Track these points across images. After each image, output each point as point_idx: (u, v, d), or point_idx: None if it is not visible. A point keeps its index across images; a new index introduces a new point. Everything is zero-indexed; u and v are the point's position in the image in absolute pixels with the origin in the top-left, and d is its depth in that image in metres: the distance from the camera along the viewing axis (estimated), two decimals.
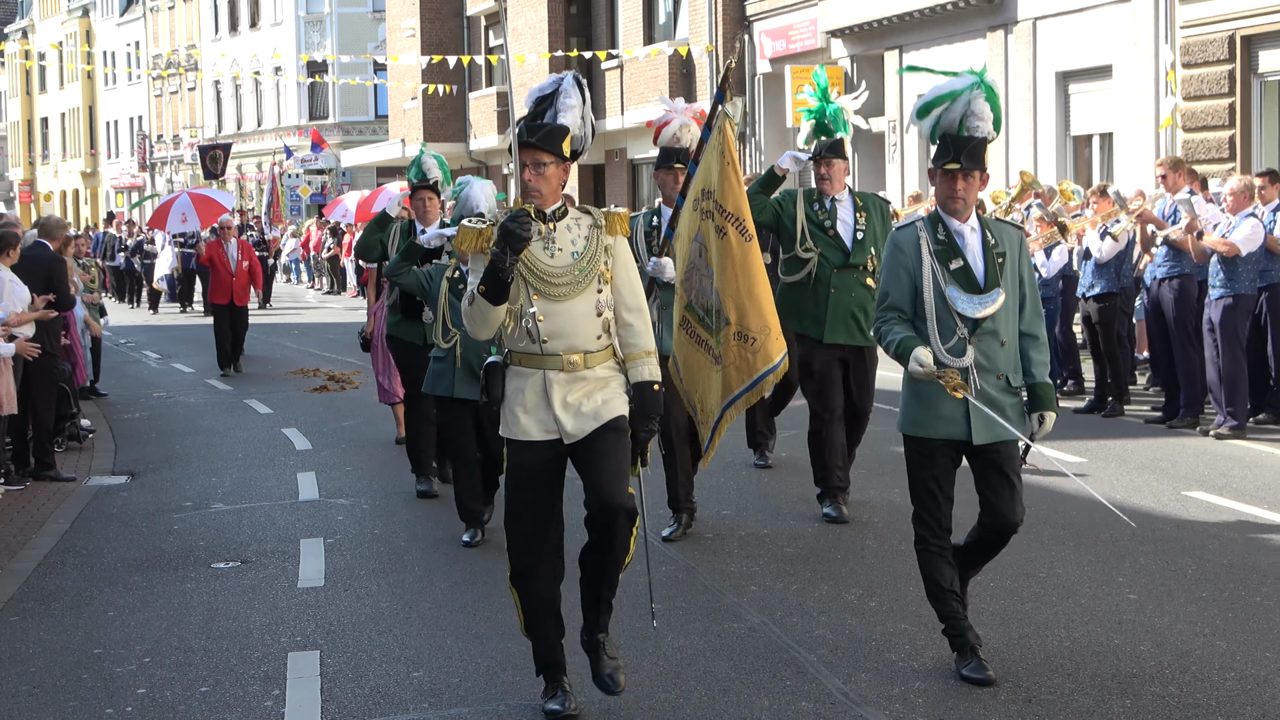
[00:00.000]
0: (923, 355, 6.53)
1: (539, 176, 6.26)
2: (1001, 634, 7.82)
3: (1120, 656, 7.44)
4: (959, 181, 6.77)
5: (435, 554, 10.15)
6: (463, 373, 9.90)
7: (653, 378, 6.49)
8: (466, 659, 7.83)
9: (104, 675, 7.70)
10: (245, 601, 9.19)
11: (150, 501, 12.76)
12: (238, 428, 17.46)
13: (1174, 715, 6.60)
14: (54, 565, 10.34)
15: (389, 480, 13.17)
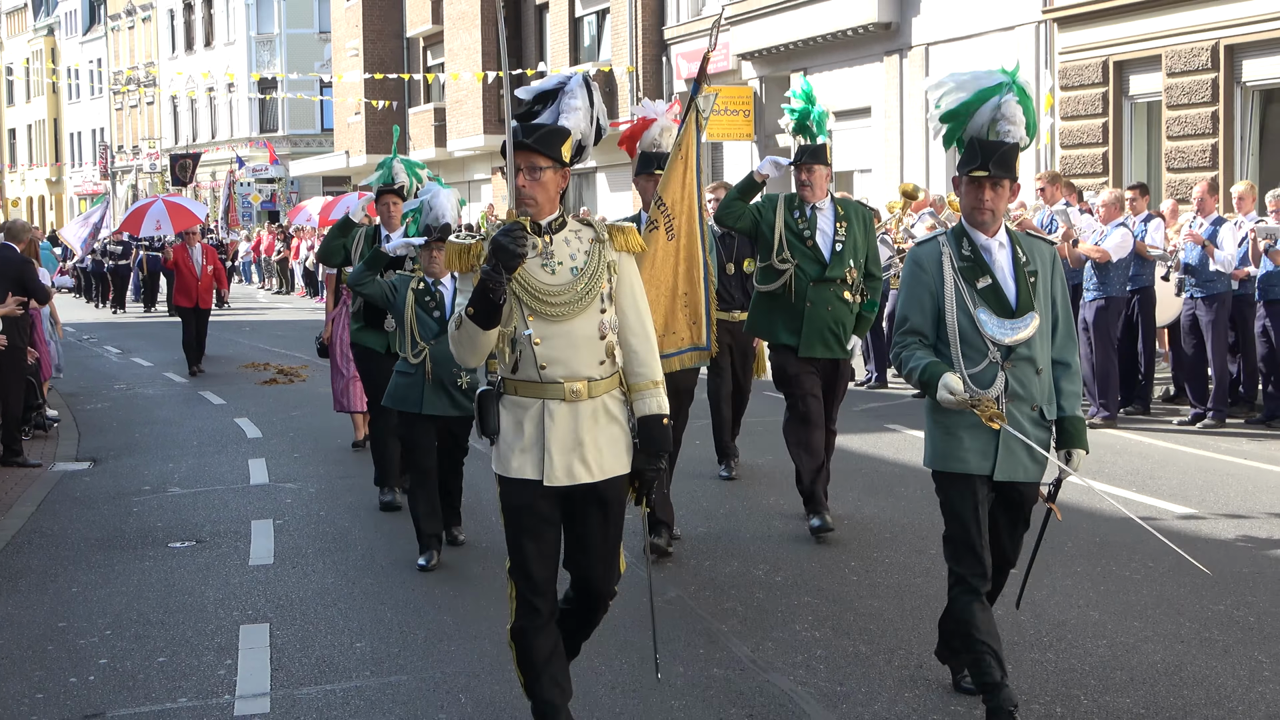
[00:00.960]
0: (952, 382, 5.51)
1: (535, 183, 5.26)
2: (896, 607, 7.90)
3: (1003, 626, 7.47)
4: (986, 190, 5.71)
5: (377, 534, 10.14)
6: (431, 388, 8.82)
7: (661, 411, 5.44)
8: (405, 630, 7.86)
9: (68, 646, 7.69)
10: (200, 578, 9.17)
11: (111, 486, 12.68)
12: (193, 417, 17.35)
13: (1051, 679, 6.75)
14: (20, 545, 10.28)
15: (334, 466, 13.16)
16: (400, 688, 6.84)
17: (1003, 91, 5.89)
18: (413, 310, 8.84)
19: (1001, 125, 5.85)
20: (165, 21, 63.98)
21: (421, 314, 8.80)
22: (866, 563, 8.82)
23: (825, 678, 6.73)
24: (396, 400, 9.08)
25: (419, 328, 8.83)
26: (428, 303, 8.75)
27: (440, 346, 8.53)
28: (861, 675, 6.76)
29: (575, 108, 5.57)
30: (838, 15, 26.72)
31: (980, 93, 5.91)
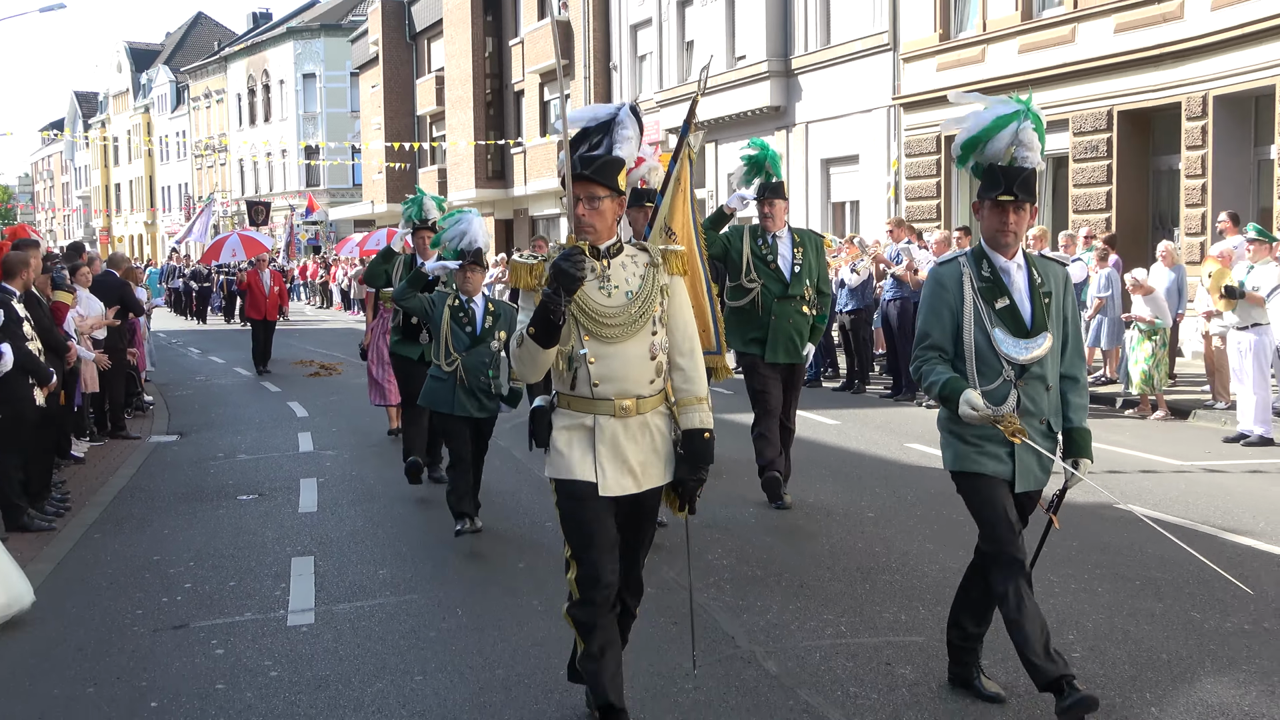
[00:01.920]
0: (974, 398, 4.65)
1: (594, 211, 4.47)
2: (777, 540, 7.95)
3: (862, 555, 7.58)
4: (1010, 214, 4.80)
5: (397, 489, 10.11)
6: (462, 392, 8.07)
7: (705, 425, 4.63)
8: (417, 561, 7.89)
9: (161, 574, 7.67)
10: (261, 522, 9.16)
11: (193, 453, 12.62)
12: (255, 401, 17.28)
13: (898, 594, 6.76)
14: (124, 498, 10.23)
15: (363, 438, 13.12)
16: (412, 604, 6.85)
17: (1019, 119, 4.91)
18: (448, 324, 8.13)
19: (1019, 151, 4.90)
20: (234, 103, 63.46)
21: (455, 328, 8.11)
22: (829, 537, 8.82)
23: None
24: (431, 401, 8.33)
25: (453, 339, 8.11)
26: (461, 318, 8.11)
27: (471, 357, 8.11)
28: (757, 594, 6.75)
29: (628, 137, 4.84)
30: (741, 100, 26.78)
31: (997, 120, 4.95)
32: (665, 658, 5.70)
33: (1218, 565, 5.19)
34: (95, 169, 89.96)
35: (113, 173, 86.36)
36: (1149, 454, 10.86)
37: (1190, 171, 17.66)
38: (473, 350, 8.06)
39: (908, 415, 13.68)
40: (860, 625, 6.18)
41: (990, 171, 4.88)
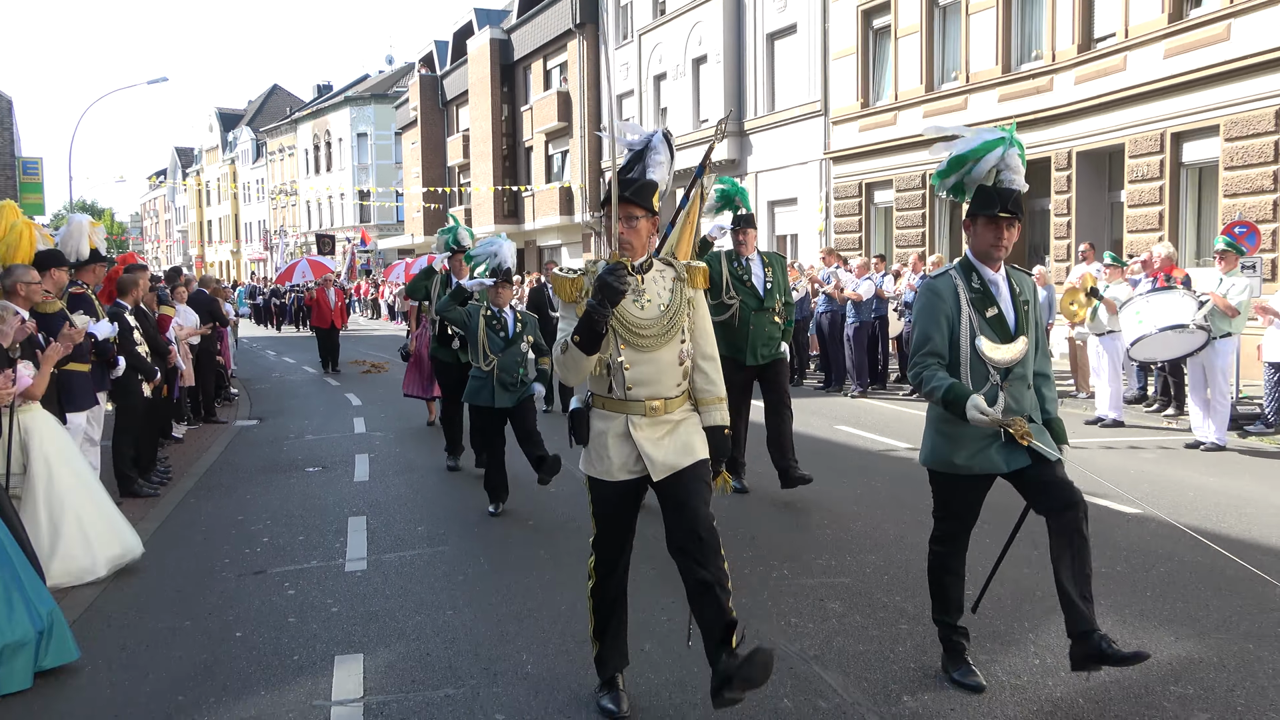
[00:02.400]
0: (982, 402, 4.07)
1: (631, 230, 4.09)
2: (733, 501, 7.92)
3: (800, 514, 7.57)
4: (1004, 230, 4.29)
5: (434, 462, 10.09)
6: (499, 386, 7.77)
7: (724, 422, 4.24)
8: (448, 519, 7.86)
9: (244, 530, 7.63)
10: (324, 489, 9.10)
11: (270, 434, 12.54)
12: (320, 393, 17.17)
13: (829, 545, 6.72)
14: (215, 470, 10.17)
15: (406, 422, 13.07)
16: (444, 554, 6.82)
17: (1005, 145, 4.38)
18: (484, 332, 7.83)
19: (1006, 174, 4.37)
20: (302, 156, 63.19)
21: (490, 334, 7.83)
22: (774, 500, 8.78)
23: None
24: (472, 396, 7.92)
25: (489, 343, 7.81)
26: (494, 326, 7.85)
27: (505, 357, 7.82)
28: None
29: (660, 161, 4.40)
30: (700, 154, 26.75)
31: (986, 143, 4.39)
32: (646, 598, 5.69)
33: None
34: (191, 209, 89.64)
35: (205, 211, 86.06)
36: None
37: (1058, 211, 17.75)
38: (506, 352, 7.82)
39: (837, 404, 13.69)
40: (799, 570, 6.18)
41: (984, 191, 4.35)
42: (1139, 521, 7.06)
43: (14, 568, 4.84)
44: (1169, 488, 8.15)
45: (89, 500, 6.37)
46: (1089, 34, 17.24)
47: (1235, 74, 14.56)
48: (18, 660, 4.68)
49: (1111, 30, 16.78)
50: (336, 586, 6.15)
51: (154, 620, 5.62)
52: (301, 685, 4.69)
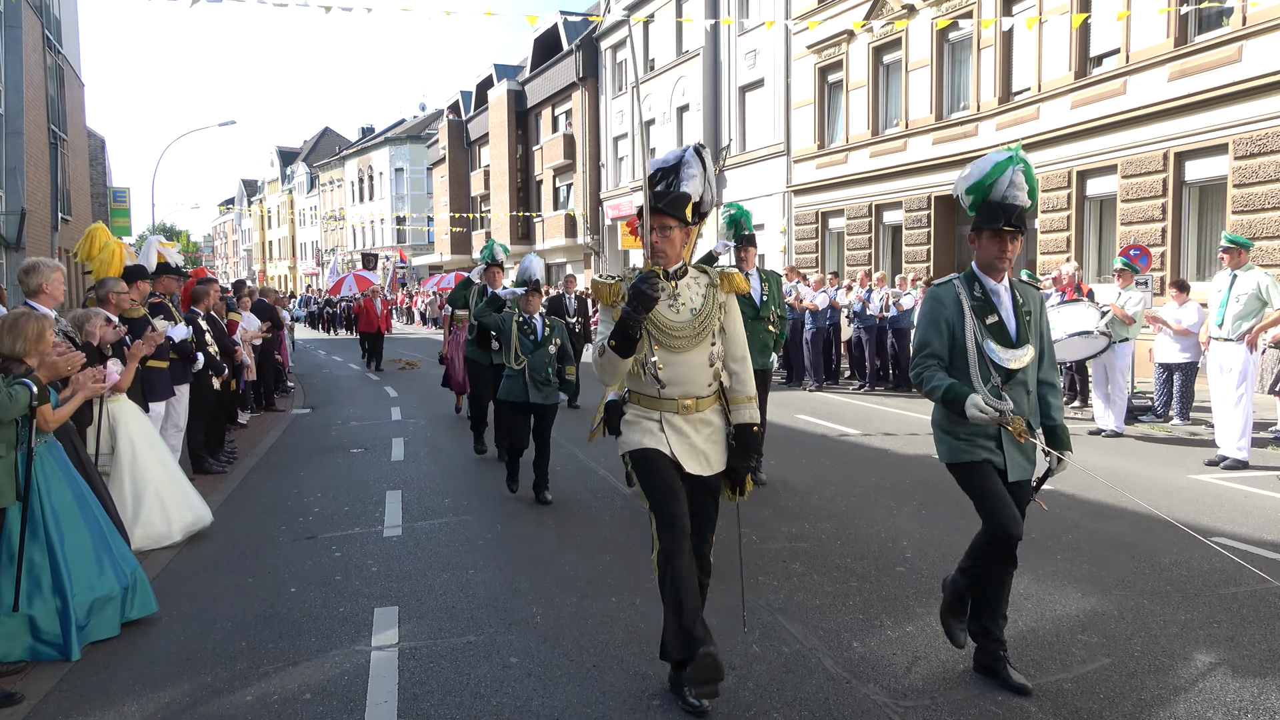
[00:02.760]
0: (981, 400, 3.68)
1: (665, 239, 3.75)
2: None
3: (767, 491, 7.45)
4: (1008, 243, 3.87)
5: (461, 445, 10.04)
6: (530, 385, 7.37)
7: (754, 420, 3.82)
8: (471, 492, 7.79)
9: (299, 502, 7.57)
10: (365, 467, 9.03)
11: (321, 421, 12.47)
12: (363, 386, 17.09)
13: (793, 514, 6.63)
14: (274, 451, 10.10)
15: (436, 410, 13.00)
16: (467, 523, 6.77)
17: (1013, 164, 3.94)
18: (516, 335, 7.45)
19: (1011, 191, 3.92)
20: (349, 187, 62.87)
21: (521, 337, 7.44)
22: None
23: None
24: (506, 393, 7.48)
25: (520, 345, 7.42)
26: (525, 330, 7.46)
27: (534, 358, 7.40)
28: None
29: (692, 175, 3.89)
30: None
31: (996, 166, 3.94)
32: (640, 556, 5.66)
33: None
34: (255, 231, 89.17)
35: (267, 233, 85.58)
36: None
37: None
38: (535, 353, 7.42)
39: (797, 397, 13.67)
40: (765, 536, 6.15)
41: (990, 207, 3.91)
42: (1050, 496, 7.05)
43: (103, 533, 4.81)
44: (1075, 468, 8.13)
45: (166, 476, 6.33)
46: (1008, 88, 17.27)
47: (1131, 122, 14.60)
48: (106, 611, 4.65)
49: (1026, 85, 16.80)
50: (376, 549, 6.11)
51: (221, 578, 5.57)
52: (346, 633, 4.65)
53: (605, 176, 33.23)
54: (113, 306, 6.68)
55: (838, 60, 21.38)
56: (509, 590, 5.20)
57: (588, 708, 3.76)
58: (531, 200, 39.20)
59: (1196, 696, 3.76)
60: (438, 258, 48.80)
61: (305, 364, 22.16)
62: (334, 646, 4.47)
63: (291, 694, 3.96)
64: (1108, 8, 15.11)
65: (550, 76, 36.01)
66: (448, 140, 46.74)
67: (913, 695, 3.81)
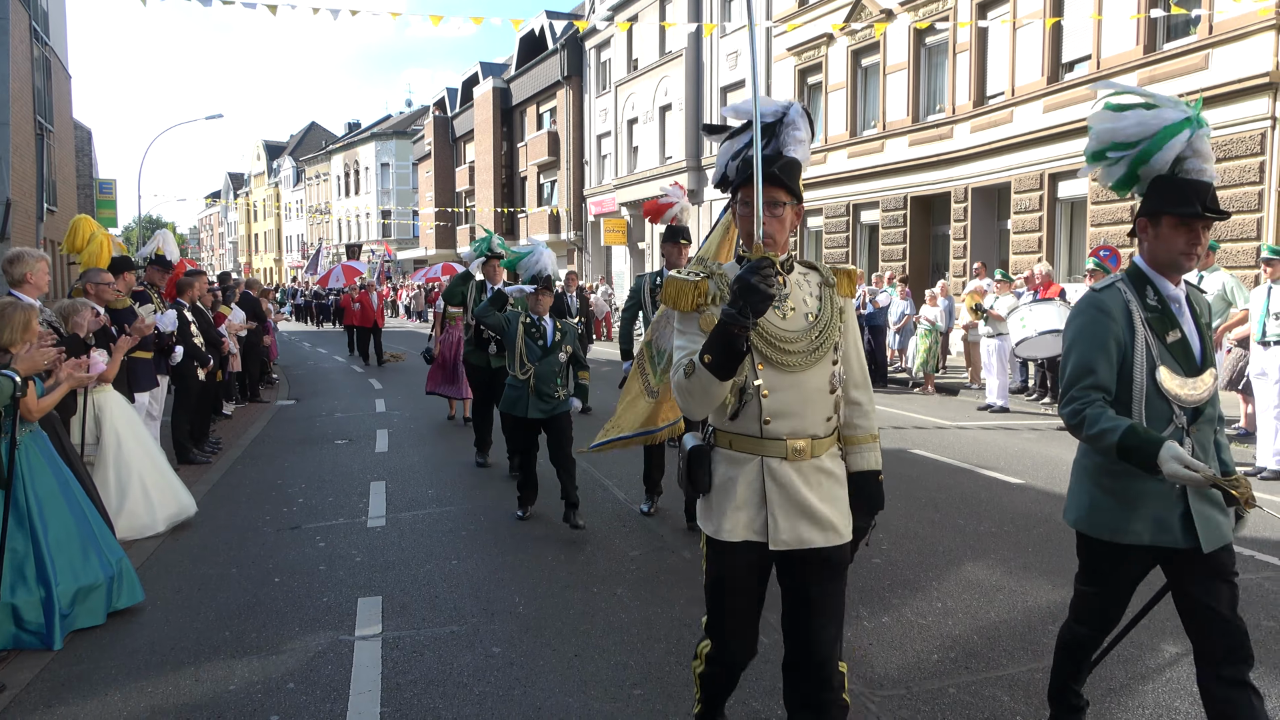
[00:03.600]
0: (1183, 453, 2.49)
1: (774, 219, 2.55)
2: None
3: None
4: (1200, 234, 2.68)
5: (442, 438, 9.99)
6: (533, 399, 6.23)
7: (878, 467, 2.70)
8: (454, 484, 7.73)
9: (283, 492, 7.49)
10: (350, 458, 8.96)
11: (305, 412, 12.36)
12: (347, 378, 16.95)
13: None
14: (259, 442, 10.00)
15: (419, 403, 12.89)
16: (449, 514, 6.73)
17: (1192, 127, 2.70)
18: (522, 340, 6.31)
19: (1195, 163, 2.70)
20: (335, 182, 62.32)
21: (529, 342, 6.30)
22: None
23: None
24: (508, 405, 6.33)
25: (526, 352, 6.28)
26: (533, 334, 6.33)
27: (543, 366, 6.25)
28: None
29: (800, 139, 2.77)
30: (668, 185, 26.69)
31: (1167, 130, 2.70)
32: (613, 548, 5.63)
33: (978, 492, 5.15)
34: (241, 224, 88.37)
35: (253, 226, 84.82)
36: (931, 417, 10.92)
37: (956, 236, 17.84)
38: (544, 360, 6.28)
39: None
40: None
41: (1171, 185, 2.72)
42: (1021, 490, 7.09)
43: (89, 522, 4.74)
44: (1046, 462, 8.19)
45: (151, 466, 6.25)
46: (982, 92, 17.34)
47: None
48: (91, 600, 4.58)
49: (1000, 89, 16.87)
50: (360, 540, 6.06)
51: (205, 568, 5.50)
52: (330, 622, 4.60)
53: (589, 174, 33.14)
54: (97, 298, 6.60)
55: (817, 63, 21.39)
56: (492, 580, 5.16)
57: (569, 697, 3.74)
58: (516, 196, 39.06)
59: (1163, 686, 3.78)
60: (422, 252, 48.58)
61: (290, 356, 21.99)
62: (317, 636, 4.42)
63: (275, 683, 3.91)
64: (1080, 14, 15.20)
65: (535, 75, 35.87)
66: (433, 136, 46.48)
67: (889, 685, 3.82)
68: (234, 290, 13.03)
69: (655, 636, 4.31)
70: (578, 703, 3.69)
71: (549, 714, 3.60)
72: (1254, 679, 2.72)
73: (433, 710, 3.65)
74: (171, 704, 3.76)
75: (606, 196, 31.42)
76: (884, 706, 3.62)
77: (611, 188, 30.69)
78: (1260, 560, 5.32)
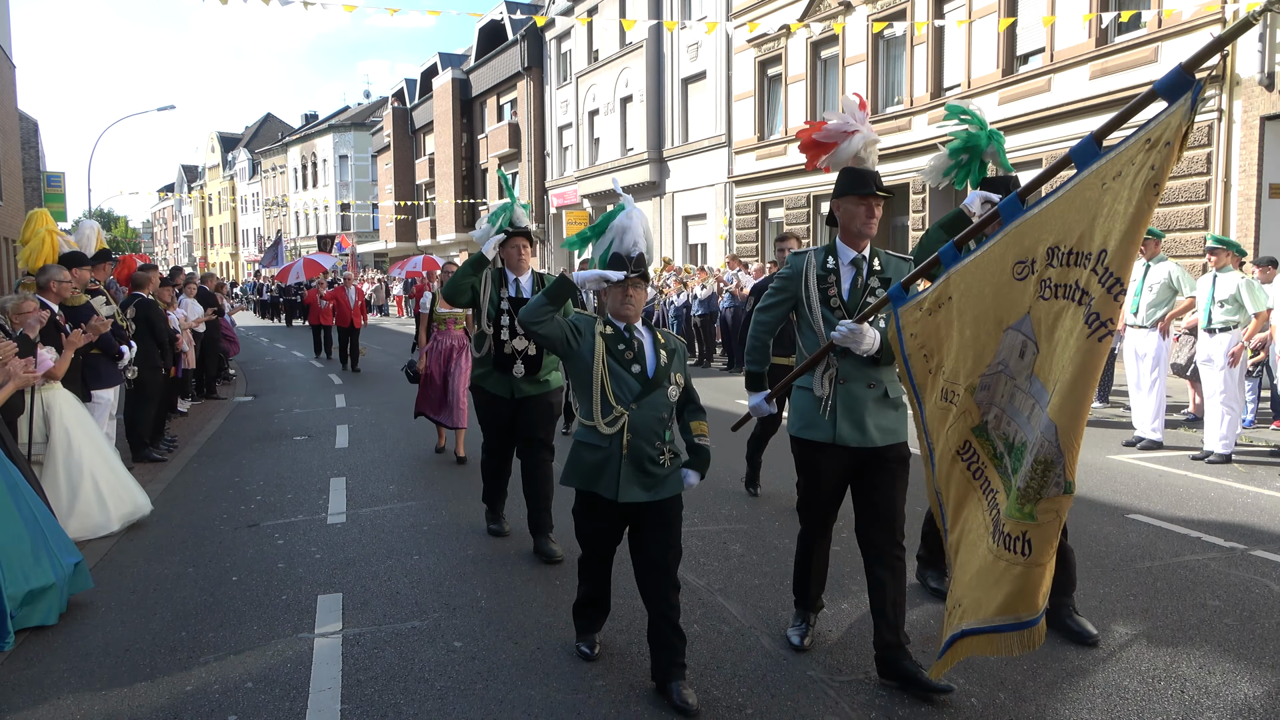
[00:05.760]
0: None
1: None
2: None
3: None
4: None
5: (404, 433, 9.90)
6: (627, 469, 3.58)
7: None
8: (416, 480, 7.67)
9: (240, 490, 7.39)
10: (309, 454, 8.85)
11: (263, 408, 12.19)
12: (306, 373, 16.74)
13: (731, 496, 6.60)
14: (215, 439, 9.85)
15: (380, 398, 12.79)
16: (411, 509, 6.68)
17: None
18: (603, 361, 3.61)
19: None
20: (292, 174, 61.39)
21: (616, 367, 3.62)
22: None
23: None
24: (585, 479, 3.66)
25: (614, 386, 3.60)
26: (622, 352, 3.64)
27: (642, 411, 3.61)
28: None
29: None
30: (630, 177, 26.60)
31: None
32: None
33: None
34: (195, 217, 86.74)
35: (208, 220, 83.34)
36: None
37: (915, 227, 18.04)
38: (643, 401, 3.62)
39: (738, 382, 13.73)
40: (706, 518, 6.18)
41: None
42: None
43: (38, 523, 4.64)
44: None
45: (104, 465, 6.13)
46: (939, 84, 17.53)
47: (1055, 118, 14.93)
48: (42, 601, 4.49)
49: (957, 81, 17.07)
50: (319, 536, 5.99)
51: (161, 567, 5.42)
52: (289, 620, 4.55)
53: (550, 165, 33.00)
54: (54, 295, 6.48)
55: (777, 54, 21.48)
56: (454, 575, 5.14)
57: (532, 689, 3.74)
58: (477, 188, 38.78)
59: (1114, 666, 3.87)
60: (382, 245, 48.09)
61: (248, 352, 21.65)
62: (276, 634, 4.37)
63: (233, 683, 3.87)
64: (1034, 9, 15.41)
65: (495, 66, 35.59)
66: (392, 128, 45.98)
67: (848, 670, 3.86)
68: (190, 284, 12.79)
69: (617, 628, 4.32)
70: (540, 695, 3.69)
71: (511, 707, 3.60)
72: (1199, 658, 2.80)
73: (394, 706, 3.63)
74: (126, 706, 3.70)
75: (569, 189, 31.32)
76: (843, 692, 3.67)
77: (574, 180, 30.59)
78: (1207, 542, 5.46)
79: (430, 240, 41.84)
